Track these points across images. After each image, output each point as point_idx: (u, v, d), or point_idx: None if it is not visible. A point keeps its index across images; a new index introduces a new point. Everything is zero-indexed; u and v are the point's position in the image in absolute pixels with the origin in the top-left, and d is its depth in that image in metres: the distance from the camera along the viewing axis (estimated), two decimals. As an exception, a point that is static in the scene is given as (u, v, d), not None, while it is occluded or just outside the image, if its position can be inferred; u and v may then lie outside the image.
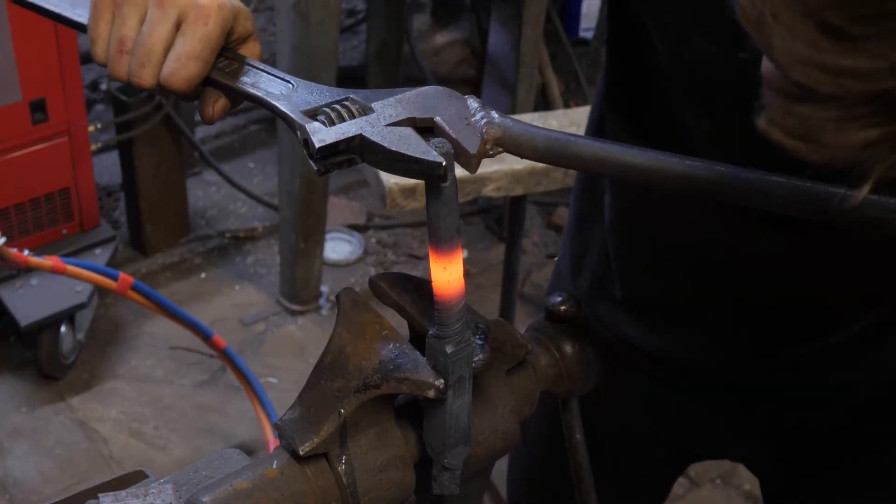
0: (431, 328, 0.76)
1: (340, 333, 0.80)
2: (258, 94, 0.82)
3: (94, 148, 3.06)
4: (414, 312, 0.82)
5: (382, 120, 0.74)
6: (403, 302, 0.83)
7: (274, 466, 0.77)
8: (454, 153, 0.73)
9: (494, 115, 0.76)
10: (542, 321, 0.94)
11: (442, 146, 0.72)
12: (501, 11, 3.41)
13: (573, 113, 2.25)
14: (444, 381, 0.75)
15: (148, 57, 0.84)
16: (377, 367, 0.76)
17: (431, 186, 0.72)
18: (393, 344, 0.78)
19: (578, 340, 0.92)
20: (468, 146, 0.74)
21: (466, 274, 0.75)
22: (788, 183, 0.72)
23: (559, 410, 1.01)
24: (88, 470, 2.68)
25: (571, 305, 0.93)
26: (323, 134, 0.73)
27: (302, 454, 0.76)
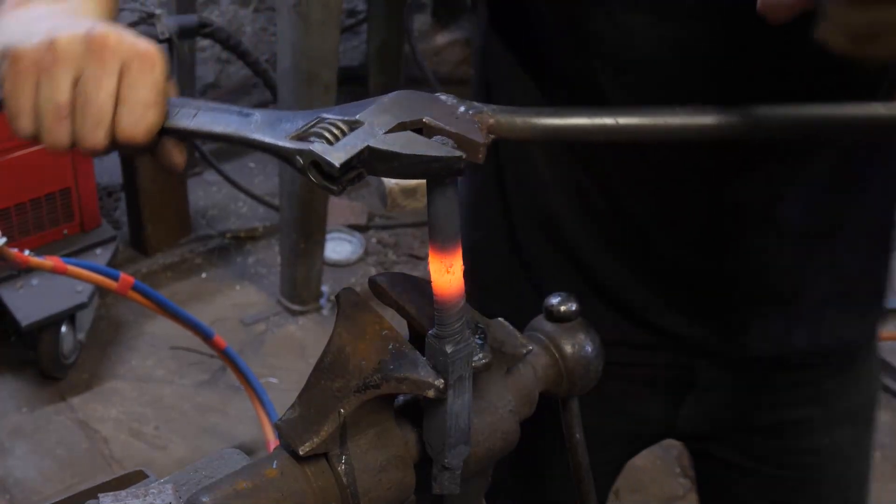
0: (431, 328, 0.76)
1: (340, 333, 0.80)
2: (227, 131, 0.77)
3: (94, 148, 3.06)
4: (414, 312, 0.82)
5: (378, 129, 0.72)
6: (403, 302, 0.83)
7: (274, 466, 0.77)
8: (457, 147, 0.72)
9: (477, 105, 0.76)
10: (542, 321, 0.94)
11: (445, 143, 0.72)
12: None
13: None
14: (444, 381, 0.75)
15: (100, 116, 0.77)
16: (377, 367, 0.76)
17: (434, 186, 0.71)
18: (393, 344, 0.78)
19: (578, 340, 0.92)
20: (473, 136, 0.73)
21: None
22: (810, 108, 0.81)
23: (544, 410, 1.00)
24: (89, 470, 2.69)
25: (571, 305, 0.93)
26: (334, 153, 0.70)
27: (302, 454, 0.76)
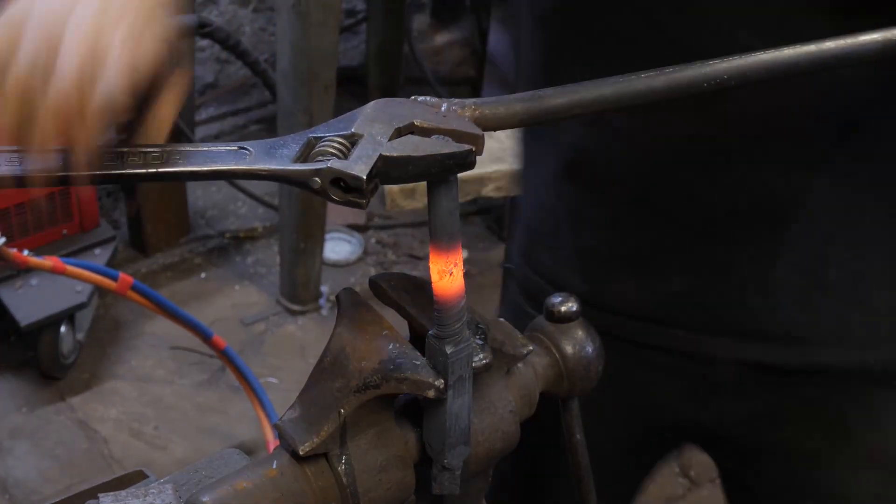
0: (431, 328, 0.76)
1: (340, 333, 0.80)
2: (225, 167, 0.73)
3: (94, 148, 3.06)
4: (414, 312, 0.82)
5: (379, 138, 0.71)
6: (403, 302, 0.83)
7: (274, 466, 0.77)
8: (456, 142, 0.72)
9: (456, 100, 0.76)
10: (542, 321, 0.94)
11: (446, 140, 0.72)
12: (501, 11, 3.41)
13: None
14: (444, 381, 0.75)
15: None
16: (377, 367, 0.76)
17: (436, 185, 0.71)
18: (393, 344, 0.78)
19: (578, 340, 0.92)
20: (469, 129, 0.73)
21: (466, 274, 0.75)
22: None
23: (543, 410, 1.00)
24: (88, 470, 2.69)
25: (571, 305, 0.93)
26: (354, 166, 0.69)
27: (302, 454, 0.76)
